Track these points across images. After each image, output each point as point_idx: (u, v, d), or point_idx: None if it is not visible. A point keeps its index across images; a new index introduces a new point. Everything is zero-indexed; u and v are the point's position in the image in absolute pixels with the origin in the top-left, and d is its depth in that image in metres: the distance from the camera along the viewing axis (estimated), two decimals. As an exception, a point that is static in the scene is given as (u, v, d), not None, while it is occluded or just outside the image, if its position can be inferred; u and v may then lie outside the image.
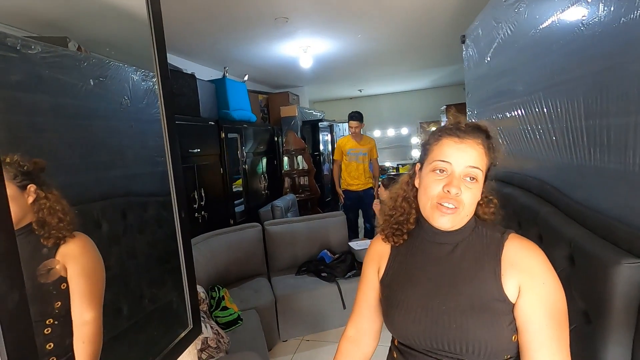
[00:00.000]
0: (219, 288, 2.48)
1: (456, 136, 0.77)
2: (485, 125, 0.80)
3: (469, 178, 0.76)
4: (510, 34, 1.52)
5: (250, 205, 3.86)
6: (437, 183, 0.77)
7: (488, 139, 0.80)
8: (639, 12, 0.77)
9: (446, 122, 0.83)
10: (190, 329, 1.02)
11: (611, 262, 0.80)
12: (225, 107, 3.54)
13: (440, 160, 0.77)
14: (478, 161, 0.76)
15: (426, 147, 0.84)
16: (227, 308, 2.38)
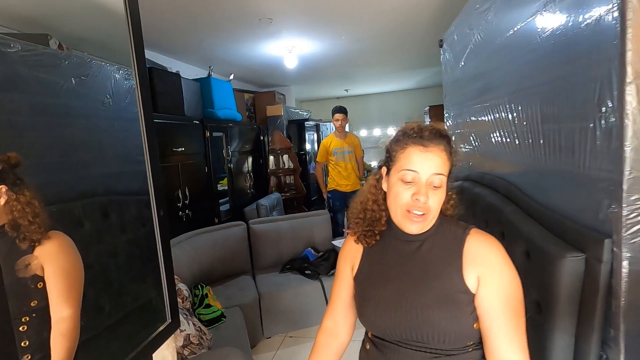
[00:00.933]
0: (202, 286, 2.50)
1: (421, 145, 0.81)
2: (445, 130, 0.86)
3: (434, 184, 0.81)
4: (480, 40, 1.59)
5: (236, 204, 3.88)
6: (406, 191, 0.82)
7: (449, 144, 0.85)
8: (583, 28, 0.84)
9: (405, 126, 0.87)
10: (168, 323, 1.06)
11: (558, 256, 0.87)
12: (210, 105, 3.54)
13: (407, 169, 0.82)
14: (442, 167, 0.81)
15: (392, 154, 0.87)
16: (211, 305, 2.41)
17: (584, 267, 0.84)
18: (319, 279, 2.96)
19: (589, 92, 0.84)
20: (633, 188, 0.74)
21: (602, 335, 0.81)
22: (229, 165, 3.81)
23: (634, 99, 0.72)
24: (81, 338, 0.82)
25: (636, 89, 0.72)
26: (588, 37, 0.83)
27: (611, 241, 0.78)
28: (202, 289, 2.46)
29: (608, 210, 0.79)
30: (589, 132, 0.84)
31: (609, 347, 0.80)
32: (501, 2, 1.35)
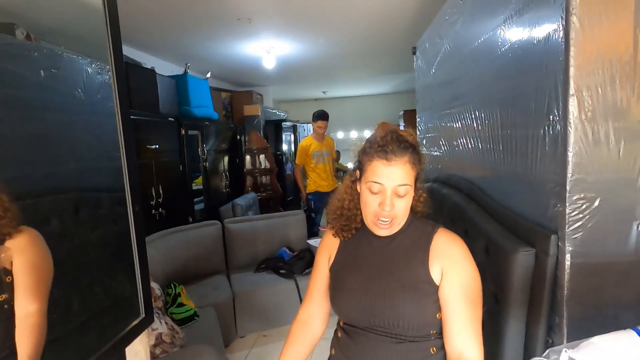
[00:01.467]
0: (175, 285, 2.48)
1: (385, 159, 0.86)
2: (410, 137, 0.90)
3: (399, 194, 0.87)
4: (450, 50, 1.68)
5: (211, 203, 3.84)
6: (373, 201, 0.88)
7: (413, 153, 0.90)
8: (535, 43, 0.93)
9: (374, 133, 0.92)
10: (142, 317, 1.06)
11: (512, 250, 0.95)
12: (186, 103, 3.50)
13: (373, 181, 0.87)
14: (406, 178, 0.87)
15: (361, 162, 0.93)
16: (184, 305, 2.39)
17: (534, 260, 0.93)
18: (293, 278, 2.99)
19: (539, 102, 0.92)
20: (575, 189, 0.83)
21: (549, 321, 0.90)
22: (204, 164, 3.77)
23: (576, 110, 0.81)
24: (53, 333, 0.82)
25: (578, 101, 0.81)
26: (539, 52, 0.92)
27: (557, 237, 0.87)
28: (175, 288, 2.44)
29: (554, 209, 0.88)
30: (540, 138, 0.93)
31: (554, 332, 0.89)
32: (468, 15, 1.45)
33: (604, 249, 0.84)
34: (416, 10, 2.87)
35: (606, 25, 0.79)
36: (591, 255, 0.84)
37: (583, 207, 0.83)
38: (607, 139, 0.81)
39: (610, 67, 0.80)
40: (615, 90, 0.80)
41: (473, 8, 1.38)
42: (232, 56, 4.03)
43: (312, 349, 1.07)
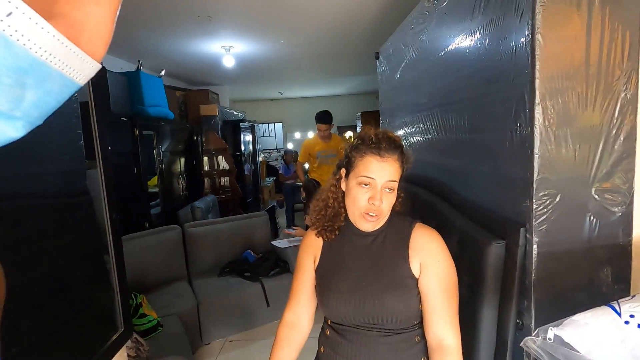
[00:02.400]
0: (136, 295, 2.34)
1: (378, 155, 0.91)
2: (398, 139, 0.97)
3: (388, 189, 0.92)
4: (415, 57, 1.79)
5: (168, 206, 3.67)
6: (363, 196, 0.92)
7: (402, 153, 0.96)
8: (503, 55, 1.03)
9: (362, 131, 0.96)
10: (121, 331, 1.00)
11: (485, 244, 1.04)
12: (139, 102, 3.30)
13: (365, 176, 0.92)
14: (395, 175, 0.93)
15: (351, 159, 0.96)
16: (146, 315, 2.27)
17: (505, 251, 1.03)
18: (259, 281, 2.96)
19: (507, 109, 1.03)
20: (540, 186, 0.93)
21: (518, 305, 1.00)
22: (160, 166, 3.59)
23: (541, 116, 0.91)
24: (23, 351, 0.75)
25: (542, 109, 0.91)
26: (507, 63, 1.02)
27: (525, 229, 0.97)
28: (135, 298, 2.30)
29: (522, 205, 0.98)
30: (508, 141, 1.04)
31: (523, 315, 1.00)
32: (434, 26, 1.55)
33: (564, 238, 0.96)
34: (376, 17, 2.99)
35: (564, 43, 0.90)
36: (553, 245, 0.95)
37: (547, 202, 0.94)
38: (566, 142, 0.93)
39: (568, 79, 0.91)
40: (571, 99, 0.92)
41: (440, 19, 1.49)
42: (189, 54, 3.88)
43: (299, 350, 1.09)
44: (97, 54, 0.36)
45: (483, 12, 1.14)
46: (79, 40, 0.34)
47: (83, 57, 0.34)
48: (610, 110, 0.93)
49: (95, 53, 0.36)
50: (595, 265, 0.97)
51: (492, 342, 1.07)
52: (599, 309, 0.57)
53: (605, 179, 0.95)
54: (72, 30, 0.33)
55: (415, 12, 1.77)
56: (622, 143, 0.94)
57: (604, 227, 0.96)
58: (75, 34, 0.34)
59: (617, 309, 0.55)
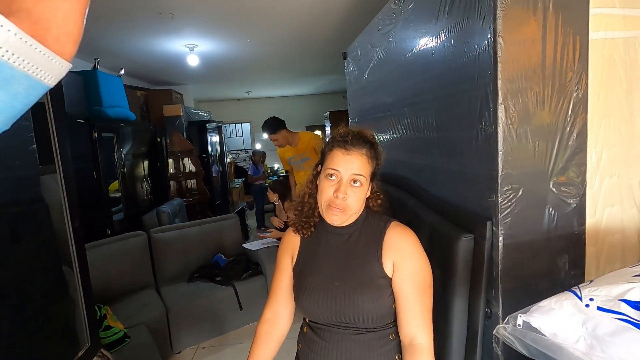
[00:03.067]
0: (100, 306, 2.22)
1: (344, 148, 0.94)
2: (370, 135, 1.00)
3: (354, 182, 0.94)
4: (383, 58, 1.82)
5: (131, 212, 3.51)
6: (329, 188, 0.94)
7: (371, 148, 0.99)
8: (468, 57, 1.08)
9: (336, 130, 0.99)
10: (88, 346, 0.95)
11: (454, 237, 1.09)
12: (97, 103, 3.13)
13: (331, 168, 0.94)
14: (362, 169, 0.94)
15: (323, 154, 1.00)
16: (111, 327, 2.16)
17: (473, 244, 1.07)
18: (231, 284, 2.91)
19: (472, 108, 1.07)
20: (505, 182, 0.98)
21: (487, 295, 1.05)
22: (121, 169, 3.42)
23: (503, 115, 0.96)
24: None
25: (505, 108, 0.96)
26: (471, 64, 1.07)
27: (491, 223, 1.02)
28: (99, 310, 2.18)
29: (488, 199, 1.03)
30: (473, 139, 1.08)
31: (491, 304, 1.05)
32: (401, 27, 1.59)
33: (526, 230, 1.01)
34: (343, 17, 3.02)
35: (523, 46, 0.96)
36: (517, 236, 1.01)
37: (511, 196, 0.99)
38: (526, 140, 0.98)
39: (526, 80, 0.97)
40: (530, 99, 0.98)
41: (406, 22, 1.53)
42: (150, 52, 3.72)
43: (278, 347, 1.09)
44: (67, 52, 0.34)
45: (447, 15, 1.18)
46: (46, 39, 0.31)
47: (51, 57, 0.32)
48: (564, 109, 1.00)
49: (65, 52, 0.33)
50: (554, 253, 1.04)
51: (464, 331, 1.12)
52: (562, 295, 0.62)
53: (561, 173, 1.01)
54: (36, 27, 0.31)
55: (382, 14, 1.81)
56: (575, 139, 1.01)
57: (561, 217, 1.03)
58: (41, 32, 0.31)
59: (578, 294, 0.59)
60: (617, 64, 1.05)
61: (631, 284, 0.55)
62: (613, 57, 1.04)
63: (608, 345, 0.52)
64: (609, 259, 1.11)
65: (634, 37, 1.05)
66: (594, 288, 0.58)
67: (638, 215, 1.10)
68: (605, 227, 1.08)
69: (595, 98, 1.03)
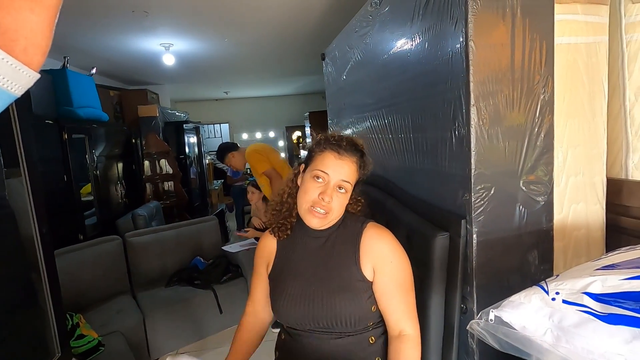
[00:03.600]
0: (72, 315, 2.14)
1: (337, 152, 0.94)
2: (361, 145, 1.00)
3: (340, 188, 0.94)
4: (360, 59, 1.84)
5: (105, 216, 3.40)
6: (315, 189, 0.93)
7: (362, 158, 0.99)
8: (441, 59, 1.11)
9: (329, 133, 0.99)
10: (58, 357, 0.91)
11: (431, 236, 1.11)
12: (67, 103, 3.02)
13: (320, 170, 0.93)
14: (350, 176, 0.95)
15: (311, 153, 0.98)
16: (84, 335, 2.08)
17: (449, 242, 1.10)
18: (210, 288, 2.86)
19: (446, 110, 1.10)
20: (478, 181, 1.02)
21: (462, 291, 1.08)
22: (94, 172, 3.31)
23: (476, 117, 0.99)
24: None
25: (477, 110, 0.99)
26: (445, 67, 1.09)
27: (465, 221, 1.05)
28: (71, 318, 2.10)
29: (462, 198, 1.06)
30: (447, 140, 1.11)
31: (467, 299, 1.08)
32: (377, 30, 1.61)
33: (498, 227, 1.05)
34: (322, 18, 3.03)
35: (493, 50, 0.99)
36: (490, 233, 1.04)
37: (483, 195, 1.02)
38: (497, 140, 1.02)
39: (497, 82, 1.01)
40: (500, 101, 1.02)
41: (382, 24, 1.55)
42: (124, 51, 3.61)
43: (261, 338, 1.09)
44: (34, 63, 0.34)
45: (422, 19, 1.21)
46: (13, 49, 0.32)
47: (18, 67, 0.32)
48: (532, 110, 1.04)
49: (32, 62, 0.34)
50: (524, 249, 1.08)
51: (441, 327, 1.14)
52: (531, 289, 0.64)
53: (530, 172, 1.06)
54: (4, 38, 0.31)
55: (359, 16, 1.83)
56: (543, 140, 1.05)
57: (531, 215, 1.07)
58: (9, 43, 0.31)
59: (545, 288, 0.62)
60: (580, 67, 1.10)
61: (593, 277, 0.58)
62: (576, 61, 1.10)
63: (572, 336, 0.54)
64: (575, 253, 1.16)
65: (595, 42, 1.10)
66: (560, 282, 0.61)
67: (601, 211, 1.17)
68: (572, 223, 1.14)
69: (561, 100, 1.08)
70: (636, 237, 1.12)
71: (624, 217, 1.16)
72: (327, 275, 0.96)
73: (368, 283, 0.96)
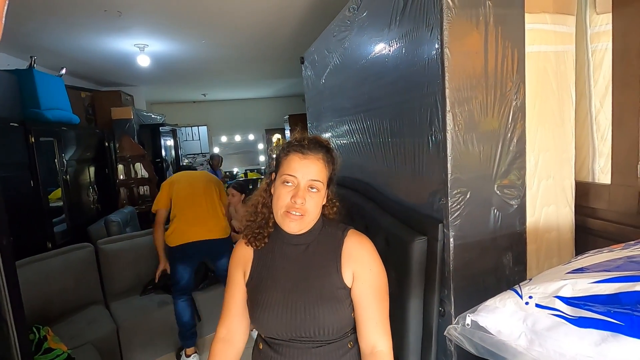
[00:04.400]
0: (39, 328, 2.03)
1: (301, 152, 0.92)
2: (325, 141, 0.99)
3: (311, 188, 0.93)
4: (339, 63, 1.85)
5: (76, 222, 3.25)
6: (286, 194, 0.91)
7: (327, 153, 0.98)
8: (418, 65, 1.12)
9: (292, 136, 0.98)
10: (20, 377, 0.86)
11: (409, 240, 1.12)
12: (34, 105, 2.88)
13: (288, 174, 0.92)
14: (319, 174, 0.93)
15: (278, 160, 0.97)
16: (52, 349, 1.98)
17: (426, 246, 1.11)
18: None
19: (423, 115, 1.12)
20: (454, 185, 1.03)
21: (440, 294, 1.10)
22: (64, 176, 3.17)
23: (451, 122, 1.01)
24: None
25: (452, 116, 1.01)
26: (421, 73, 1.11)
27: (442, 225, 1.07)
28: (38, 332, 1.99)
29: (439, 203, 1.08)
30: (425, 145, 1.13)
31: (444, 302, 1.09)
32: (355, 34, 1.62)
33: (474, 231, 1.07)
34: (301, 21, 3.02)
35: (468, 57, 1.02)
36: (466, 237, 1.06)
37: (460, 199, 1.04)
38: (472, 145, 1.04)
39: (471, 89, 1.03)
40: (475, 107, 1.04)
41: (360, 29, 1.56)
42: (95, 51, 3.49)
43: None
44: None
45: (399, 25, 1.22)
46: None
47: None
48: (505, 116, 1.06)
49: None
50: (499, 252, 1.11)
51: (420, 330, 1.16)
52: (505, 294, 0.66)
53: (504, 176, 1.08)
54: None
55: (337, 20, 1.84)
56: (516, 145, 1.09)
57: (505, 218, 1.09)
58: None
59: (519, 292, 0.63)
60: (549, 75, 1.14)
61: (564, 281, 0.59)
62: (546, 69, 1.14)
63: (545, 340, 0.55)
64: (547, 254, 1.20)
65: (563, 51, 1.15)
66: (533, 286, 0.62)
67: (570, 213, 1.21)
68: (543, 225, 1.17)
69: (532, 106, 1.12)
70: (602, 237, 1.17)
71: (591, 219, 1.21)
72: (308, 283, 0.94)
73: (348, 290, 0.94)
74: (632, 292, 0.51)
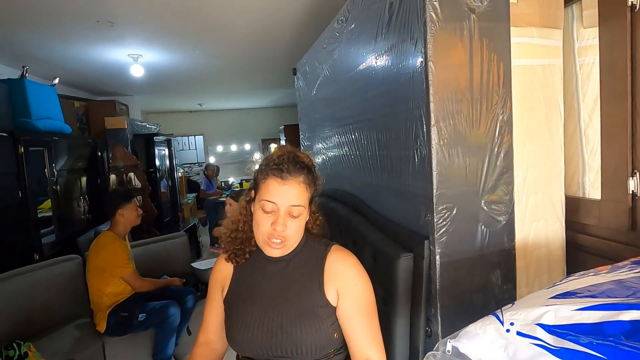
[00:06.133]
0: (20, 344, 1.97)
1: (280, 177, 0.86)
2: (306, 158, 0.93)
3: (292, 215, 0.87)
4: (329, 75, 1.84)
5: (65, 233, 3.20)
6: (266, 221, 0.86)
7: (309, 174, 0.91)
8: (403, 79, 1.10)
9: (271, 154, 0.93)
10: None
11: (395, 256, 1.09)
12: (25, 114, 2.85)
13: (266, 200, 0.86)
14: (300, 199, 0.87)
15: (256, 181, 0.91)
16: (33, 366, 1.92)
17: (413, 263, 1.08)
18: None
19: (408, 129, 1.10)
20: (440, 201, 1.01)
21: (427, 313, 1.06)
22: (54, 187, 3.13)
23: (436, 137, 0.99)
24: None
25: (437, 130, 0.99)
26: (406, 86, 1.09)
27: (428, 241, 1.03)
28: (18, 349, 1.93)
29: (425, 218, 1.05)
30: (410, 159, 1.10)
31: (431, 321, 1.06)
32: (344, 46, 1.61)
33: (461, 248, 1.04)
34: (295, 31, 3.03)
35: (452, 70, 1.00)
36: (453, 254, 1.03)
37: (446, 215, 1.01)
38: (458, 160, 1.02)
39: (456, 103, 1.01)
40: (460, 121, 1.02)
41: (348, 41, 1.55)
42: (89, 61, 3.48)
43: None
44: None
45: (385, 38, 1.21)
46: None
47: None
48: (492, 130, 1.04)
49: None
50: (487, 269, 1.07)
51: (406, 350, 1.12)
52: (487, 319, 0.62)
53: (491, 192, 1.06)
54: None
55: (327, 32, 1.83)
56: (503, 159, 1.06)
57: (493, 234, 1.06)
58: None
59: (500, 318, 0.60)
60: (537, 89, 1.13)
61: (547, 307, 0.56)
62: (533, 83, 1.12)
63: (527, 370, 0.52)
64: (537, 271, 1.17)
65: (550, 64, 1.13)
66: (515, 312, 0.59)
67: (561, 229, 1.18)
68: (533, 241, 1.15)
69: (519, 120, 1.10)
70: (594, 254, 1.14)
71: (582, 235, 1.18)
72: (287, 301, 0.90)
73: (331, 308, 0.90)
74: (616, 322, 0.48)
